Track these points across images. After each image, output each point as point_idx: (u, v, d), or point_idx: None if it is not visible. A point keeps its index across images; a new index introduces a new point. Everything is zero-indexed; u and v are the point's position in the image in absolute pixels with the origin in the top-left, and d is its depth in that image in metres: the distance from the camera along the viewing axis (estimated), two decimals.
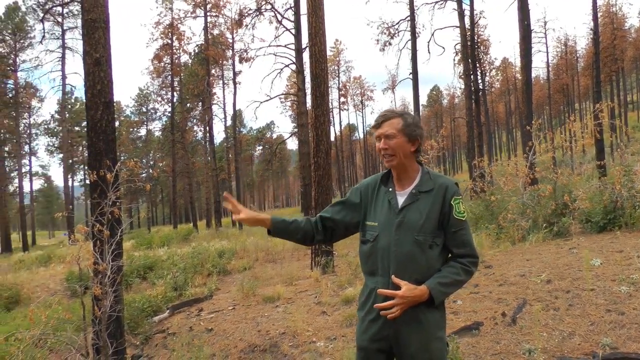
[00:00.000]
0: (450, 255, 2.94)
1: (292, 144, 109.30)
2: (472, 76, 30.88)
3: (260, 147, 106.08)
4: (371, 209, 3.04)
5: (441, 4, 31.66)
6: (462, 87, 39.06)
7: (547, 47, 67.73)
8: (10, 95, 50.30)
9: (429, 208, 2.87)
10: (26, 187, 58.00)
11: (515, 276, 7.71)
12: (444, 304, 2.96)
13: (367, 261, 3.03)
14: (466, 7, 30.49)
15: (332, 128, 65.92)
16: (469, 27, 31.00)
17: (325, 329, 7.22)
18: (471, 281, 8.04)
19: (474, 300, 7.07)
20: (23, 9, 49.81)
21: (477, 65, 35.02)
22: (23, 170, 55.72)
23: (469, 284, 7.91)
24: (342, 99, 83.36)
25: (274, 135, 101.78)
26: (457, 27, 30.95)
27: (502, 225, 12.33)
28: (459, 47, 33.52)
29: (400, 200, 2.94)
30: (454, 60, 37.85)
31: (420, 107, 36.53)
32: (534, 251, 9.48)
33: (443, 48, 36.15)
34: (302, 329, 7.35)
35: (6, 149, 53.45)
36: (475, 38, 34.75)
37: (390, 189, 2.99)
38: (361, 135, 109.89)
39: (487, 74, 60.41)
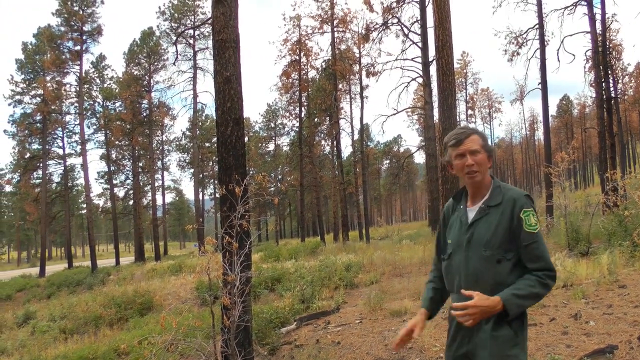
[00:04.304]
0: (525, 270, 2.84)
1: (420, 158, 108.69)
2: (603, 84, 29.47)
3: (388, 161, 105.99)
4: (448, 227, 3.09)
5: (571, 9, 30.42)
6: (593, 95, 37.57)
7: None
8: (145, 114, 52.66)
9: (497, 222, 2.84)
10: (159, 200, 60.56)
11: None
12: (521, 319, 2.85)
13: (445, 278, 3.10)
14: (597, 10, 29.30)
15: None
16: (600, 32, 29.76)
17: None
18: (604, 301, 7.71)
19: (608, 322, 6.75)
20: (157, 33, 52.37)
21: (609, 72, 33.47)
22: (156, 184, 58.14)
23: (603, 305, 7.58)
24: (470, 112, 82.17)
25: (401, 149, 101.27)
26: (587, 32, 29.65)
27: (637, 243, 11.71)
28: (589, 53, 32.22)
29: (471, 215, 2.96)
30: (585, 67, 36.50)
31: (550, 118, 35.34)
32: None
33: (573, 55, 34.81)
34: (430, 344, 7.24)
35: (140, 164, 55.84)
36: (607, 43, 33.29)
37: (462, 206, 3.03)
38: None
39: (620, 81, 57.81)
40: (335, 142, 48.13)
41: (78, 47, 46.28)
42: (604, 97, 29.13)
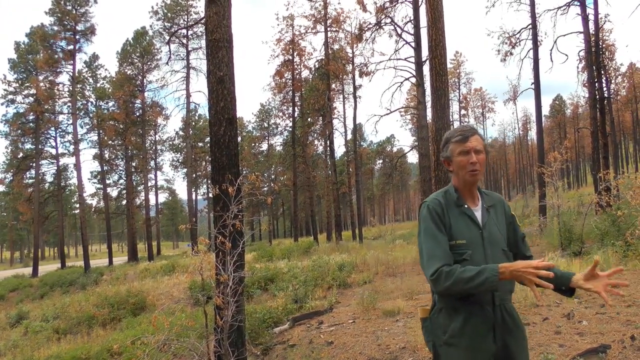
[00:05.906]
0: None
1: (413, 158, 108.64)
2: (596, 84, 29.51)
3: (381, 161, 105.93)
4: (452, 227, 2.91)
5: (564, 9, 30.40)
6: (586, 95, 37.69)
7: None
8: (138, 114, 52.42)
9: (499, 222, 3.01)
10: (152, 200, 60.42)
11: None
12: None
13: None
14: (590, 10, 29.30)
15: None
16: (593, 32, 29.78)
17: None
18: (597, 301, 7.75)
19: (601, 322, 6.76)
20: (150, 33, 52.06)
21: (602, 72, 33.51)
22: (149, 184, 57.92)
23: (595, 304, 7.60)
24: (463, 111, 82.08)
25: (394, 149, 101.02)
26: (580, 32, 29.64)
27: (630, 242, 11.74)
28: (582, 53, 32.22)
29: (478, 215, 2.97)
30: (578, 67, 36.48)
31: (543, 118, 35.37)
32: None
33: (566, 55, 34.60)
34: (423, 344, 7.22)
35: (133, 164, 55.66)
36: (600, 43, 33.33)
37: (466, 205, 2.98)
38: None
39: (613, 81, 57.96)
40: (328, 142, 48.03)
41: (71, 47, 46.08)
42: (597, 97, 29.17)
